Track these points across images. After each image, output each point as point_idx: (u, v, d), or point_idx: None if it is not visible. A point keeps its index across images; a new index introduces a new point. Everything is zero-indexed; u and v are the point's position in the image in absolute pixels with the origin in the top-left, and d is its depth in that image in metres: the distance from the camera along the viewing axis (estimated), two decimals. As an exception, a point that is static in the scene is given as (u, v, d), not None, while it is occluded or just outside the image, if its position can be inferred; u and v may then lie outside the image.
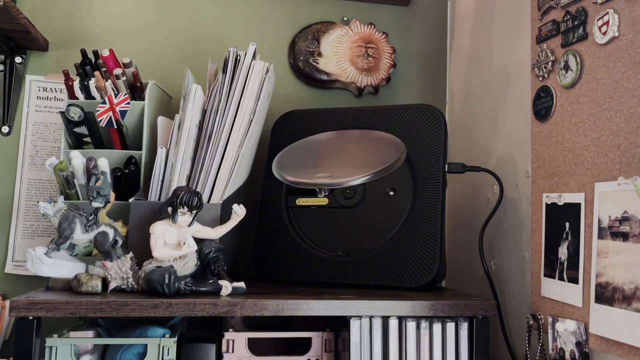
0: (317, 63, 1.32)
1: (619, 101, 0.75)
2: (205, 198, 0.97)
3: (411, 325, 0.87)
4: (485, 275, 1.02)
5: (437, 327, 0.87)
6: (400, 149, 0.99)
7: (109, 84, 1.02)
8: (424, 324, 0.87)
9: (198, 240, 0.90)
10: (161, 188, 0.98)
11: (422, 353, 0.87)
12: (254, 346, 0.91)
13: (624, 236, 0.72)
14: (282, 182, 1.01)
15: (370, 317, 0.87)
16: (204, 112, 1.01)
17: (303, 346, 0.92)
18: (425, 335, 0.87)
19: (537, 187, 0.93)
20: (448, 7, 1.39)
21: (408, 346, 0.86)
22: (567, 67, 0.86)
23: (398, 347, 0.87)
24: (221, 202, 0.96)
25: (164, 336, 0.85)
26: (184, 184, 0.97)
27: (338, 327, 0.92)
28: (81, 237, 0.88)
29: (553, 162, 0.89)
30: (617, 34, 0.76)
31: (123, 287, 0.86)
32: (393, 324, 0.87)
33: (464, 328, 0.88)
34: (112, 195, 0.95)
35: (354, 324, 0.86)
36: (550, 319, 0.86)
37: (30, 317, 0.78)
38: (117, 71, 1.03)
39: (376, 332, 0.86)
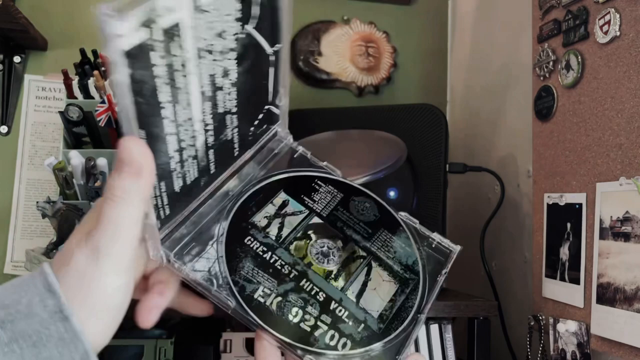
0: (317, 62, 1.31)
1: (621, 101, 0.75)
2: (204, 198, 0.96)
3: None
4: (486, 275, 1.02)
5: (434, 327, 0.87)
6: (400, 148, 0.98)
7: (108, 83, 1.01)
8: (424, 325, 0.87)
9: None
10: (161, 188, 0.97)
11: (421, 353, 0.86)
12: (252, 346, 0.91)
13: (626, 237, 0.71)
14: (282, 182, 1.01)
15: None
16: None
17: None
18: (423, 336, 0.87)
19: (538, 187, 0.93)
20: (449, 6, 1.39)
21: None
22: (568, 67, 0.85)
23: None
24: (221, 202, 0.96)
25: (160, 337, 0.85)
26: (183, 184, 0.97)
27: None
28: (80, 237, 0.88)
29: (554, 162, 0.88)
30: (618, 33, 0.75)
31: (122, 287, 0.86)
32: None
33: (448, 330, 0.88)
34: (111, 196, 0.95)
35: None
36: (551, 320, 0.86)
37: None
38: (117, 71, 1.02)
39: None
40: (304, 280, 0.44)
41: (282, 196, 0.48)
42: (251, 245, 0.44)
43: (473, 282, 1.15)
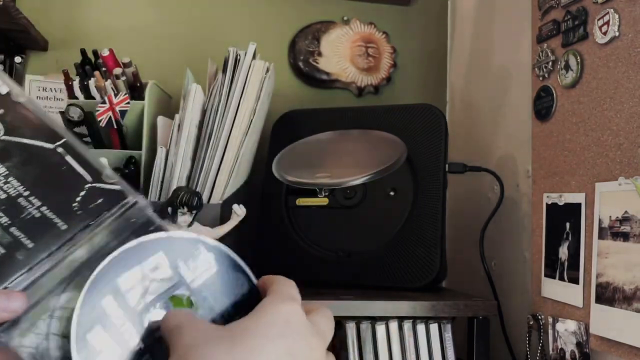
0: (317, 63, 1.32)
1: (620, 101, 0.75)
2: (205, 198, 0.96)
3: (411, 326, 0.87)
4: (485, 275, 1.02)
5: (434, 327, 0.87)
6: (400, 149, 0.99)
7: (108, 83, 1.01)
8: (423, 325, 0.87)
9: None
10: (161, 188, 0.98)
11: (421, 353, 0.87)
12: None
13: (625, 236, 0.71)
14: (282, 182, 1.01)
15: (370, 318, 0.86)
16: (203, 112, 1.01)
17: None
18: (423, 336, 0.87)
19: (537, 187, 0.93)
20: (449, 6, 1.39)
21: (408, 347, 0.86)
22: (567, 67, 0.86)
23: (400, 348, 0.86)
24: (221, 202, 0.96)
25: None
26: (183, 184, 0.97)
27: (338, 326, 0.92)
28: (81, 237, 0.88)
29: (554, 162, 0.89)
30: (617, 33, 0.75)
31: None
32: (393, 325, 0.87)
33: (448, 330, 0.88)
34: (112, 196, 0.95)
35: (349, 326, 0.86)
36: (550, 319, 0.86)
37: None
38: (117, 71, 1.03)
39: (377, 333, 0.86)
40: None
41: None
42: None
43: (472, 282, 1.15)
